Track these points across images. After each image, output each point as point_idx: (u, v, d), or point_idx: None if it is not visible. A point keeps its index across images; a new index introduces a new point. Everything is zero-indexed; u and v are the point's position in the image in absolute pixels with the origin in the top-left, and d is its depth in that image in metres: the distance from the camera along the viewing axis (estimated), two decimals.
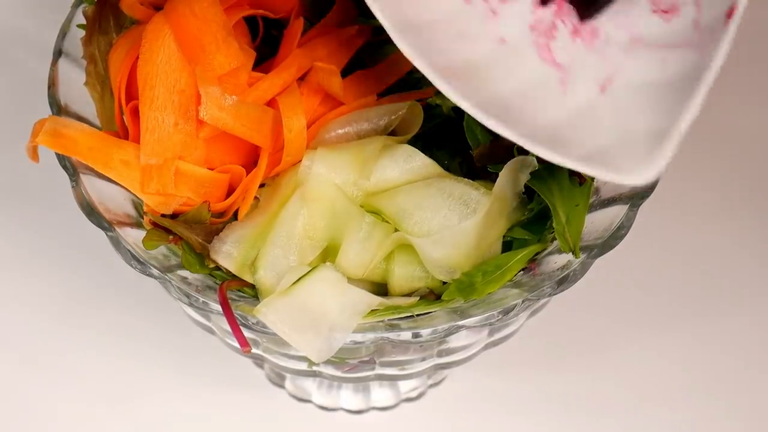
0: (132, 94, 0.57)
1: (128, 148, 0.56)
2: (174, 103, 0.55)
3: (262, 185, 0.57)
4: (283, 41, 0.60)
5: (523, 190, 0.56)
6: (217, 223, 0.57)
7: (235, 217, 0.58)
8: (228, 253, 0.55)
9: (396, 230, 0.55)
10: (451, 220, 0.55)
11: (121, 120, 0.59)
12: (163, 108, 0.55)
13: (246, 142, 0.57)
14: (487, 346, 0.63)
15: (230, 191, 0.58)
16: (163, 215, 0.56)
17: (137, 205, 0.58)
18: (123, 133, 0.58)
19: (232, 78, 0.56)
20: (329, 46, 0.59)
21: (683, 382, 0.74)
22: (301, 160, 0.56)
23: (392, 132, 0.59)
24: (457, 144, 0.60)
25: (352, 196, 0.56)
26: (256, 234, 0.55)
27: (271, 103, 0.58)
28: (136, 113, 0.56)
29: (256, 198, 0.57)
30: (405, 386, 0.73)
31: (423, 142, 0.59)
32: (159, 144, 0.55)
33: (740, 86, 0.87)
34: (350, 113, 0.59)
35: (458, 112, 0.59)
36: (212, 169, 0.57)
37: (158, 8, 0.58)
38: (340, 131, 0.58)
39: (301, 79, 0.59)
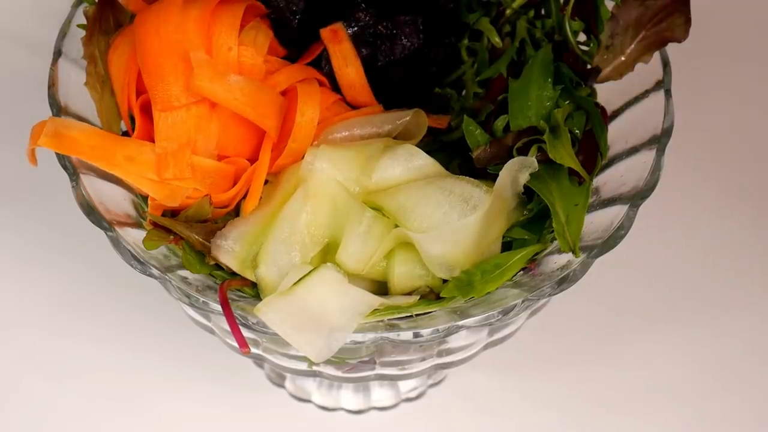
0: (140, 89, 0.57)
1: (131, 144, 0.56)
2: (186, 88, 0.55)
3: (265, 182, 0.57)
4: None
5: (523, 191, 0.56)
6: (220, 214, 0.57)
7: (236, 213, 0.58)
8: (230, 250, 0.55)
9: (396, 226, 0.55)
10: (451, 217, 0.55)
11: (127, 117, 0.59)
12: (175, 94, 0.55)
13: (258, 132, 0.57)
14: (487, 346, 0.63)
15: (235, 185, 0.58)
16: (163, 214, 0.56)
17: (137, 205, 0.58)
18: (129, 130, 0.59)
19: (248, 59, 0.57)
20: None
21: (684, 381, 0.74)
22: (303, 156, 0.56)
23: (396, 138, 0.59)
24: (457, 145, 0.60)
25: (354, 193, 0.56)
26: (258, 230, 0.55)
27: (286, 94, 0.58)
28: (144, 108, 0.56)
29: None
30: (405, 386, 0.74)
31: (424, 144, 0.59)
32: (173, 129, 0.55)
33: (740, 85, 0.87)
34: (355, 117, 0.59)
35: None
36: (224, 158, 0.57)
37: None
38: (344, 133, 0.58)
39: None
